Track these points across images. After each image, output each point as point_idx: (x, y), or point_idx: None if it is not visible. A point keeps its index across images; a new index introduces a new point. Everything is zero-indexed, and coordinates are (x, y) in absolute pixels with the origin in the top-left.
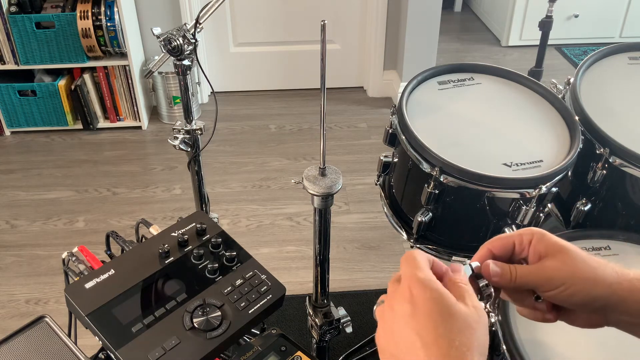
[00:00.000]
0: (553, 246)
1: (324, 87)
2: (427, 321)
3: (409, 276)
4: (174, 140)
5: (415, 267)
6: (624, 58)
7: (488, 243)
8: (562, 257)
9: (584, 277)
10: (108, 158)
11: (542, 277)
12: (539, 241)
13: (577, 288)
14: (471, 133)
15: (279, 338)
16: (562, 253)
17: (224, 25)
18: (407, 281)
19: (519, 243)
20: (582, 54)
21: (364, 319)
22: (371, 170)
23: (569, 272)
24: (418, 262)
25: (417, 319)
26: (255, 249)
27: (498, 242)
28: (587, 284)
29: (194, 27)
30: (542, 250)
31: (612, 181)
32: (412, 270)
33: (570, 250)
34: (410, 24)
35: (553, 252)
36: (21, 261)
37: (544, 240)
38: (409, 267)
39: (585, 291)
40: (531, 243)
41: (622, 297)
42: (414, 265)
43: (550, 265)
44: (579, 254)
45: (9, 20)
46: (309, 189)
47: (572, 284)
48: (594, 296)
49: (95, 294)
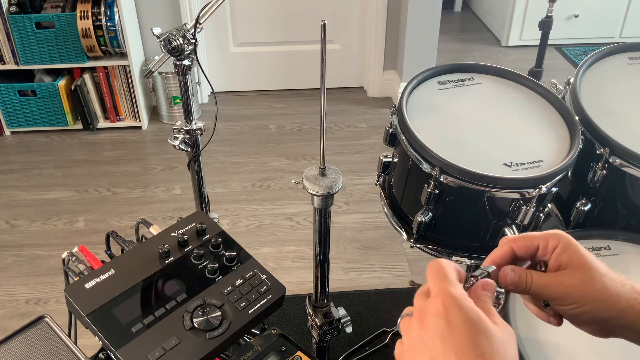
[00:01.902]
0: (576, 260)
1: (324, 87)
2: (464, 341)
3: (441, 292)
4: (174, 140)
5: (446, 282)
6: (624, 58)
7: (511, 240)
8: (581, 276)
9: (598, 299)
10: (108, 158)
11: (556, 291)
12: (564, 251)
13: (589, 308)
14: (471, 133)
15: (279, 338)
16: (582, 271)
17: (224, 25)
18: (440, 297)
19: (544, 247)
20: (582, 54)
21: (364, 319)
22: (371, 170)
23: (585, 293)
24: (449, 277)
25: (453, 338)
26: (255, 249)
27: (522, 242)
28: (600, 306)
29: (194, 27)
30: (563, 261)
31: (612, 181)
32: (443, 285)
33: (592, 269)
34: (410, 24)
35: (574, 266)
36: (21, 261)
37: (568, 252)
38: (440, 281)
39: (595, 312)
40: (555, 250)
41: (632, 319)
42: (444, 279)
43: (568, 282)
44: (598, 273)
45: (9, 20)
46: (309, 189)
47: (584, 304)
48: (604, 318)
49: (95, 294)
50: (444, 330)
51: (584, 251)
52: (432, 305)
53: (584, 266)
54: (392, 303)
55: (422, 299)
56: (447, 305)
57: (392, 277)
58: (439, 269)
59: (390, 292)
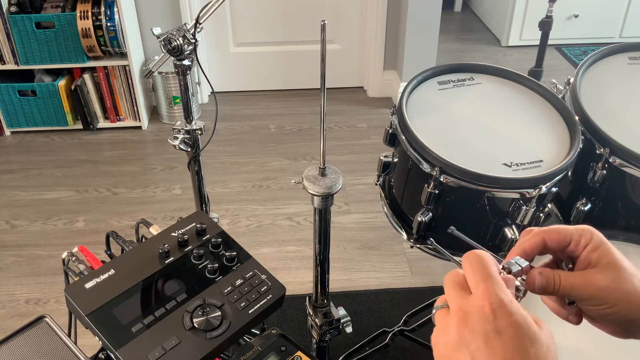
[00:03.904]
0: (606, 259)
1: (324, 87)
2: (511, 347)
3: (488, 294)
4: (174, 140)
5: (492, 282)
6: (624, 58)
7: (544, 232)
8: (612, 275)
9: (628, 301)
10: (108, 158)
11: (587, 292)
12: (595, 249)
13: (618, 309)
14: (471, 133)
15: (279, 338)
16: (613, 270)
17: (224, 25)
18: (487, 300)
19: (576, 243)
20: (582, 54)
21: (364, 319)
22: (371, 170)
23: (615, 294)
24: (493, 275)
25: (499, 343)
26: (255, 249)
27: (555, 235)
28: (629, 306)
29: (194, 27)
30: (593, 259)
31: (612, 181)
32: (491, 287)
33: (622, 268)
34: (410, 24)
35: (604, 265)
36: (21, 261)
37: (599, 250)
38: (484, 281)
39: (624, 313)
40: (586, 247)
41: None
42: (489, 278)
43: (598, 282)
44: (628, 274)
45: (9, 20)
46: (309, 189)
47: (614, 304)
48: (631, 318)
49: (95, 294)
50: (491, 335)
51: (614, 250)
52: (477, 307)
53: (614, 265)
54: (392, 303)
55: (460, 294)
56: (495, 310)
57: (392, 277)
58: (480, 263)
59: (390, 292)
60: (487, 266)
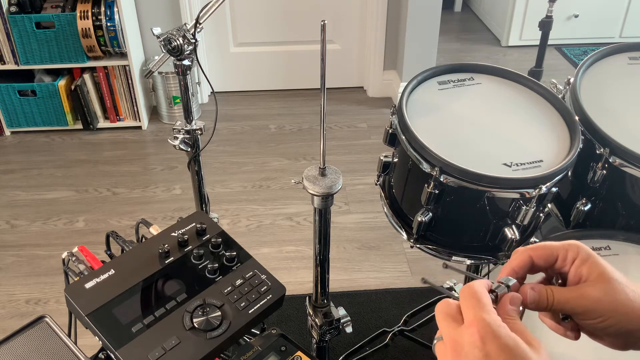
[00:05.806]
0: (596, 271)
1: (324, 87)
2: None
3: (476, 320)
4: (174, 140)
5: (480, 309)
6: (624, 58)
7: (530, 249)
8: (605, 287)
9: (622, 312)
10: (108, 158)
11: (581, 306)
12: (583, 262)
13: (615, 321)
14: (471, 133)
15: (279, 338)
16: (604, 282)
17: (224, 25)
18: (475, 327)
19: (563, 258)
20: (582, 54)
21: (364, 319)
22: (371, 170)
23: (610, 305)
24: (482, 302)
25: None
26: (255, 249)
27: (542, 252)
28: (625, 317)
29: (194, 27)
30: (584, 273)
31: (612, 181)
32: (478, 313)
33: (613, 279)
34: (410, 24)
35: (595, 277)
36: (21, 261)
37: (588, 263)
38: (473, 309)
39: (620, 324)
40: (574, 262)
41: None
42: (478, 305)
43: (591, 295)
44: (620, 284)
45: (9, 20)
46: (309, 189)
47: (610, 316)
48: (629, 329)
49: (95, 294)
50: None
51: (603, 262)
52: (467, 335)
53: (605, 276)
54: (392, 303)
55: (451, 324)
56: (483, 335)
57: (392, 277)
58: (473, 294)
59: (390, 292)
60: (475, 294)
